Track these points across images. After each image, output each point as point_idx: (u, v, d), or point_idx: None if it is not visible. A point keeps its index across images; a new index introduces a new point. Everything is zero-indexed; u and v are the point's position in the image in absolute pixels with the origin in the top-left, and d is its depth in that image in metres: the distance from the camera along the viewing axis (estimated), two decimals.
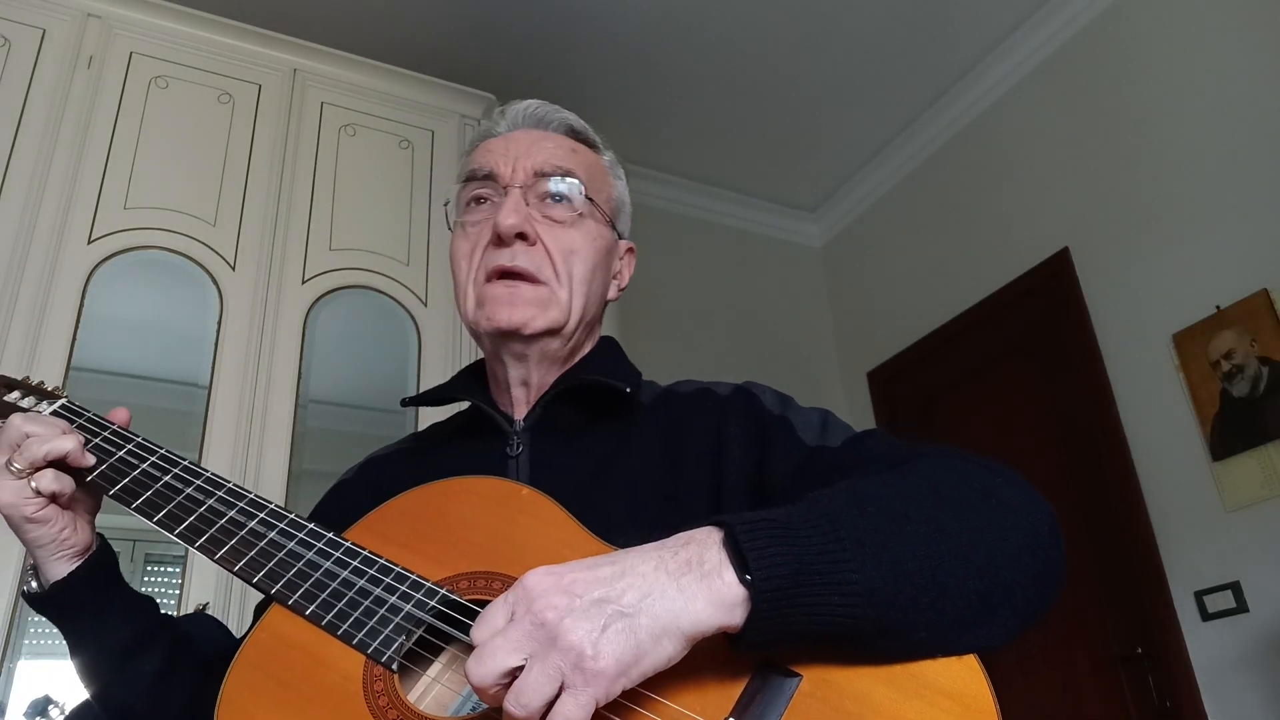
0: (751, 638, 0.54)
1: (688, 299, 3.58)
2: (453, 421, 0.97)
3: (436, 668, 0.68)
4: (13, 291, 1.98)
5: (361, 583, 0.70)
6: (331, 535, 0.74)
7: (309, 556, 0.72)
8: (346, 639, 0.67)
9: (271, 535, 0.74)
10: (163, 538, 0.75)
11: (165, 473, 0.78)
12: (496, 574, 0.69)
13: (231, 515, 0.76)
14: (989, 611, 0.57)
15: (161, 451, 0.81)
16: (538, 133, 0.92)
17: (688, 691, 0.57)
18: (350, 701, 0.63)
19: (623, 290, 0.97)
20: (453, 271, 0.90)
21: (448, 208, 0.94)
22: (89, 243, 2.11)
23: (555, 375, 0.89)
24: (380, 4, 2.84)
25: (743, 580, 0.53)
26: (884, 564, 0.55)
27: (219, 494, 0.77)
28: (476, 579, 0.69)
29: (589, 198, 0.89)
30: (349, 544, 0.73)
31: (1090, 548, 2.63)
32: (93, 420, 0.83)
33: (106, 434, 0.81)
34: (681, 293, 3.57)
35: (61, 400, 0.86)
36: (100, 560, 0.79)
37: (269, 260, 2.27)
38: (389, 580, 0.70)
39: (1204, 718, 2.32)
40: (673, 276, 3.56)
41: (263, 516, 0.76)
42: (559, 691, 0.51)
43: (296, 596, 0.70)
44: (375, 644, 0.66)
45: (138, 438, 0.82)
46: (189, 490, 0.77)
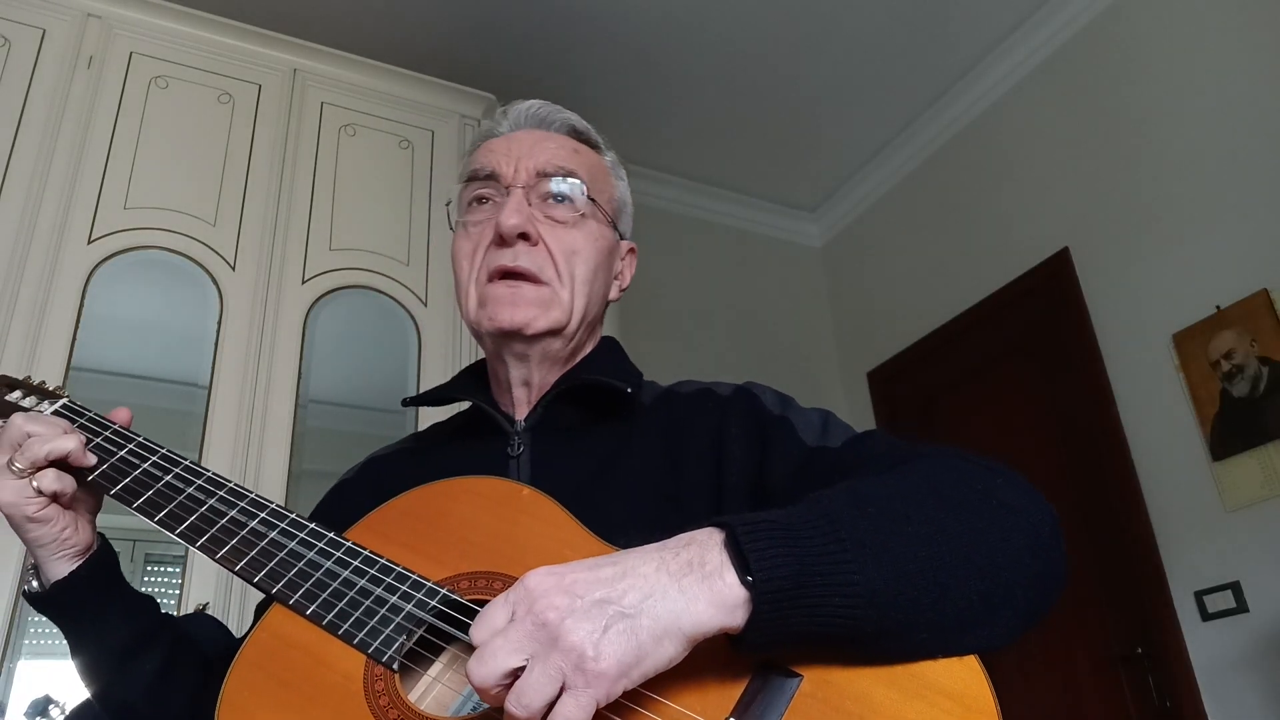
0: (753, 639, 0.54)
1: (688, 299, 3.58)
2: (453, 421, 0.97)
3: (437, 667, 0.68)
4: (13, 291, 1.98)
5: (362, 582, 0.70)
6: (332, 535, 0.74)
7: (310, 556, 0.72)
8: (347, 639, 0.67)
9: (273, 535, 0.74)
10: (162, 538, 0.75)
11: (166, 472, 0.79)
12: (497, 574, 0.69)
13: (232, 515, 0.76)
14: (990, 612, 0.57)
15: (163, 451, 0.81)
16: (540, 133, 0.92)
17: (688, 692, 0.57)
18: (351, 701, 0.63)
19: (624, 291, 0.97)
20: (454, 271, 0.90)
21: (450, 207, 0.94)
22: (89, 243, 2.11)
23: (556, 375, 0.89)
24: (380, 4, 2.84)
25: (744, 581, 0.53)
26: (885, 565, 0.55)
27: (220, 494, 0.77)
28: (477, 579, 0.69)
29: (591, 198, 0.89)
30: (350, 544, 0.73)
31: (1090, 548, 2.63)
32: (94, 420, 0.83)
33: (108, 434, 0.81)
34: (681, 293, 3.56)
35: (63, 400, 0.86)
36: (101, 560, 0.79)
37: (269, 260, 2.27)
38: (390, 580, 0.70)
39: (1204, 718, 2.32)
40: (673, 276, 3.55)
41: (264, 516, 0.76)
42: (560, 692, 0.51)
43: (297, 596, 0.70)
44: (376, 644, 0.66)
45: (139, 437, 0.82)
46: (190, 490, 0.77)
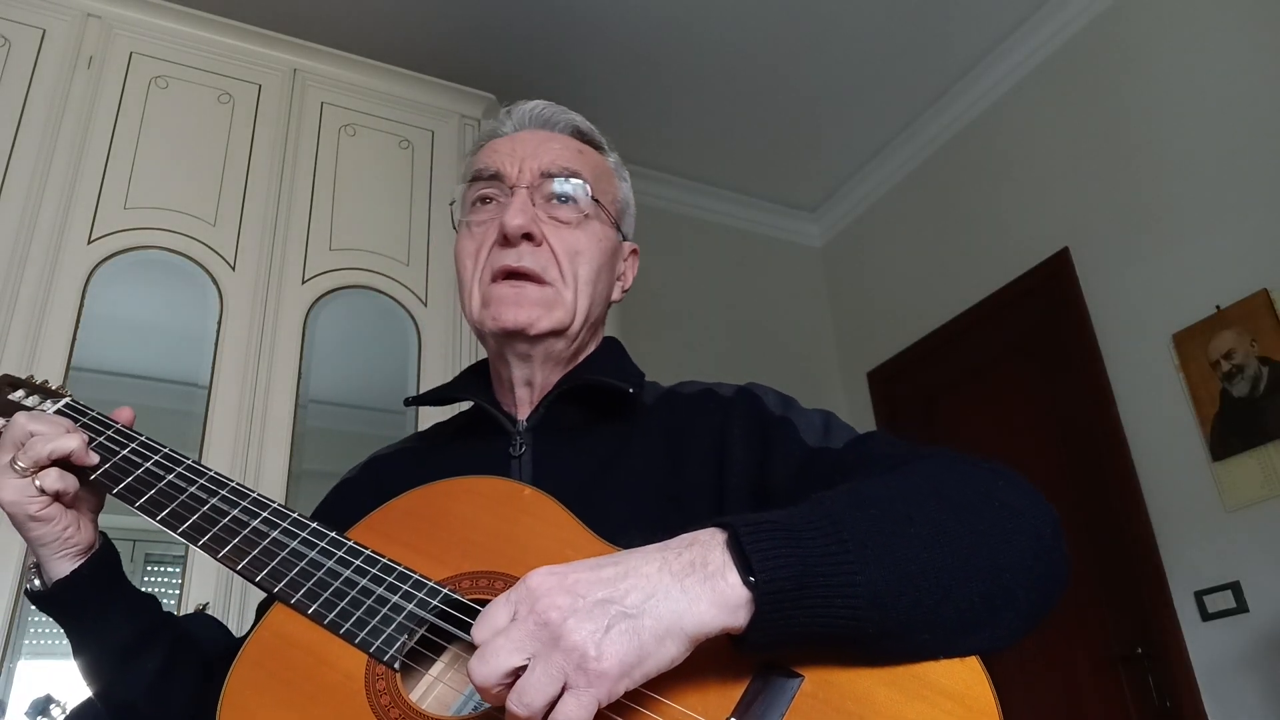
0: (754, 639, 0.54)
1: (688, 299, 3.58)
2: (455, 421, 0.97)
3: (439, 667, 0.68)
4: (13, 291, 1.98)
5: (364, 582, 0.70)
6: (334, 535, 0.74)
7: (311, 556, 0.72)
8: (349, 638, 0.67)
9: (274, 534, 0.74)
10: (163, 538, 0.76)
11: (169, 472, 0.79)
12: (499, 574, 0.69)
13: (234, 514, 0.76)
14: (992, 614, 0.57)
15: (165, 451, 0.81)
16: (544, 133, 0.92)
17: (689, 692, 0.57)
18: (352, 700, 0.63)
19: (626, 291, 0.97)
20: (457, 271, 0.90)
21: (453, 207, 0.94)
22: (89, 243, 2.11)
23: (559, 375, 0.89)
24: (380, 4, 2.84)
25: (746, 582, 0.53)
26: (887, 566, 0.55)
27: (222, 493, 0.77)
28: (479, 579, 0.69)
29: (595, 199, 0.89)
30: (351, 543, 0.73)
31: (1090, 548, 2.63)
32: (96, 419, 0.83)
33: (110, 433, 0.81)
34: (681, 293, 3.56)
35: (66, 399, 0.86)
36: (103, 559, 0.79)
37: (269, 260, 2.27)
38: (391, 579, 0.70)
39: (1204, 718, 2.32)
40: (673, 276, 3.55)
41: (265, 516, 0.76)
42: (562, 691, 0.51)
43: (299, 595, 0.70)
44: (377, 643, 0.66)
45: (141, 437, 0.82)
46: (192, 489, 0.77)
